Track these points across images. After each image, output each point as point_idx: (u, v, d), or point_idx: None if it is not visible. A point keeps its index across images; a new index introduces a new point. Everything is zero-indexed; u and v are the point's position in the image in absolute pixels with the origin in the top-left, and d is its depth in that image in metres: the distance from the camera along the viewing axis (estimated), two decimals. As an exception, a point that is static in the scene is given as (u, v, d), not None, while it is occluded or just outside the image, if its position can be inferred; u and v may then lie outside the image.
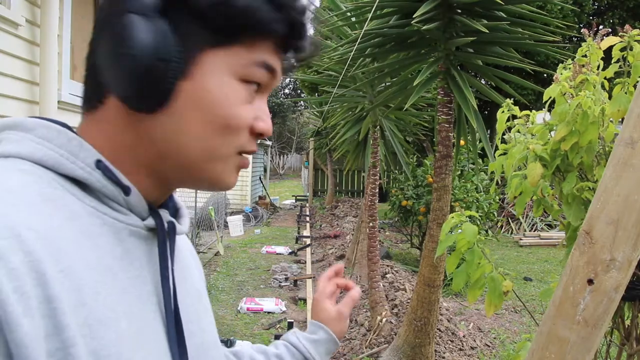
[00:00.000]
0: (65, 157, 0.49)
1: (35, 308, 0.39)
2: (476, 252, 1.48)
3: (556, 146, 1.45)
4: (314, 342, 0.86)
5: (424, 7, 2.78)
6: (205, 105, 0.51)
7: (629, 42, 1.35)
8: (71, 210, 0.47)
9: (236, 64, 0.52)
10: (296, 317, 4.92)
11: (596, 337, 0.97)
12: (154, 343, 0.51)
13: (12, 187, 0.44)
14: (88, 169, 0.49)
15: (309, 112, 15.06)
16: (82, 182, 0.49)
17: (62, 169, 0.49)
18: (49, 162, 0.48)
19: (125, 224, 0.52)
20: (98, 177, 0.50)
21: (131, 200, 0.52)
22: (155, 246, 0.55)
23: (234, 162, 0.55)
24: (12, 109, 3.03)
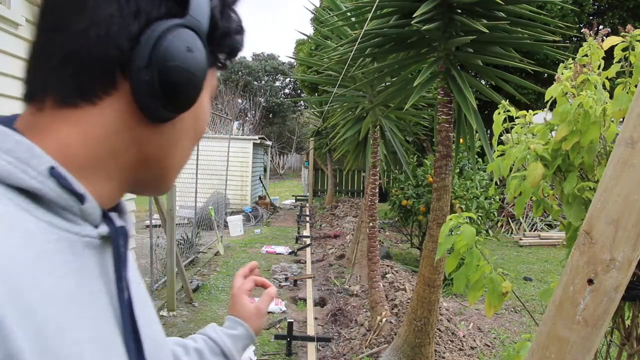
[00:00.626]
0: (14, 165, 0.43)
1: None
2: (475, 253, 1.48)
3: (557, 146, 1.45)
4: (233, 337, 0.86)
5: (424, 7, 2.78)
6: (198, 119, 0.55)
7: (631, 42, 1.35)
8: (25, 230, 0.42)
9: (213, 84, 0.57)
10: (296, 317, 4.92)
11: (596, 337, 0.97)
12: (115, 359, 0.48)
13: None
14: (40, 178, 0.44)
15: (309, 112, 15.07)
16: (33, 193, 0.44)
17: (10, 180, 0.43)
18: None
19: (80, 236, 0.47)
20: (52, 187, 0.44)
21: (86, 209, 0.47)
22: (106, 255, 0.50)
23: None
24: (12, 109, 3.04)
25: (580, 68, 1.46)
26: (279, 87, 37.22)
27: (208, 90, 0.56)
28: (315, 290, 5.90)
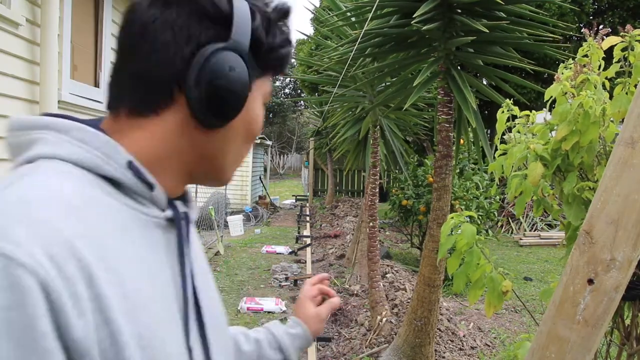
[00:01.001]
0: (101, 158, 0.55)
1: (87, 307, 0.47)
2: (475, 252, 1.48)
3: (557, 146, 1.45)
4: (292, 335, 0.94)
5: (424, 7, 2.78)
6: (249, 123, 0.64)
7: (630, 42, 1.35)
8: (110, 209, 0.54)
9: (265, 91, 0.65)
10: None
11: (596, 336, 0.97)
12: (172, 323, 0.58)
13: (64, 194, 0.50)
14: (121, 170, 0.56)
15: (309, 111, 15.06)
16: (115, 181, 0.56)
17: (99, 170, 0.55)
18: (87, 163, 0.55)
19: (150, 217, 0.59)
20: (129, 176, 0.57)
21: (155, 195, 0.59)
22: (172, 235, 0.62)
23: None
24: (12, 108, 3.04)
25: (580, 68, 1.46)
26: (279, 87, 37.21)
27: (259, 97, 0.65)
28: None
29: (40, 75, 3.21)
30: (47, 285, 0.44)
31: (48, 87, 3.21)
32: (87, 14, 4.08)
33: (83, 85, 3.94)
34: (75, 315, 0.45)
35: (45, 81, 3.20)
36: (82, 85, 3.93)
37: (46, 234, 0.46)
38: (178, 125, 0.59)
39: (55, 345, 0.44)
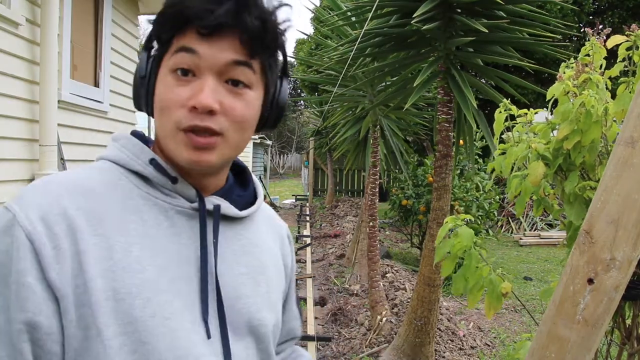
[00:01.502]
0: (130, 157, 0.71)
1: (67, 257, 0.61)
2: (474, 255, 1.47)
3: (558, 145, 1.45)
4: None
5: (424, 6, 2.77)
6: (156, 97, 0.70)
7: (635, 42, 1.35)
8: (128, 194, 0.69)
9: (168, 60, 0.68)
10: (296, 317, 4.91)
11: (596, 336, 0.97)
12: (185, 293, 0.68)
13: (84, 179, 0.68)
14: (144, 165, 0.70)
15: (309, 111, 15.06)
16: (143, 175, 0.70)
17: (129, 166, 0.71)
18: (120, 161, 0.71)
19: (172, 205, 0.70)
20: (150, 171, 0.70)
21: (178, 188, 0.71)
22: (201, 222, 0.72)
23: (181, 139, 0.67)
24: (12, 108, 3.03)
25: (582, 67, 1.46)
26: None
27: (165, 69, 0.71)
28: (315, 290, 5.90)
29: (40, 75, 3.20)
30: (32, 236, 0.60)
31: (48, 87, 3.21)
32: (87, 14, 4.08)
33: (83, 85, 3.94)
34: (55, 261, 0.60)
35: (45, 81, 3.20)
36: (82, 85, 3.93)
37: (47, 202, 0.63)
38: None
39: (33, 281, 0.59)
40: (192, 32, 0.66)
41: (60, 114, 3.38)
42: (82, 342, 0.61)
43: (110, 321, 0.61)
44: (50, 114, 3.23)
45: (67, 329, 0.61)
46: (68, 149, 3.59)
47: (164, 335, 0.64)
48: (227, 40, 0.67)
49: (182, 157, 0.68)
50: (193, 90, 0.66)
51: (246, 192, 0.82)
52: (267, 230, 0.85)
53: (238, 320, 0.73)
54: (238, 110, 0.69)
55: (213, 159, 0.68)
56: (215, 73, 0.67)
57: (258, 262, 0.79)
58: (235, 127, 0.69)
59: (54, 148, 3.24)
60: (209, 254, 0.71)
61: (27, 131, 3.17)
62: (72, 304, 0.61)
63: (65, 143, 3.56)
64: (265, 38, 0.69)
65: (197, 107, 0.65)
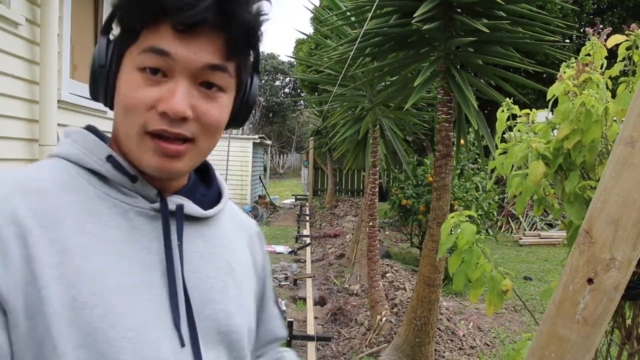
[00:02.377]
0: (85, 153, 0.64)
1: (16, 263, 0.55)
2: (475, 251, 1.48)
3: (559, 145, 1.45)
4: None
5: (424, 6, 2.77)
6: (118, 93, 0.64)
7: (635, 41, 1.35)
8: (84, 194, 0.62)
9: (134, 57, 0.62)
10: (296, 317, 4.92)
11: (596, 336, 0.97)
12: (151, 300, 0.62)
13: (35, 179, 0.61)
14: (100, 162, 0.64)
15: (308, 111, 15.06)
16: (99, 173, 0.64)
17: (83, 163, 0.64)
18: (73, 158, 0.65)
19: (132, 206, 0.65)
20: (108, 168, 0.64)
21: (138, 187, 0.65)
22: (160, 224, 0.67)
23: (147, 144, 0.62)
24: (12, 108, 3.03)
25: (583, 67, 1.46)
26: (278, 86, 37.19)
27: (130, 64, 0.65)
28: (315, 290, 5.90)
29: (40, 75, 3.20)
30: None
31: (48, 87, 3.21)
32: (87, 14, 4.08)
33: (83, 85, 3.94)
34: (2, 269, 0.54)
35: (45, 81, 3.20)
36: (82, 84, 3.93)
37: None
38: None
39: None
40: (166, 27, 0.59)
41: (60, 113, 3.38)
42: (36, 356, 0.55)
43: (67, 332, 0.55)
44: (50, 113, 3.22)
45: (16, 344, 0.55)
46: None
47: (126, 348, 0.58)
48: (205, 40, 0.61)
49: (148, 163, 0.63)
50: (163, 92, 0.61)
51: (210, 191, 0.77)
52: (233, 229, 0.79)
53: (208, 327, 0.67)
54: (211, 115, 0.64)
55: (181, 167, 0.64)
56: (189, 76, 0.61)
57: (225, 264, 0.73)
58: (207, 133, 0.64)
59: (53, 148, 3.23)
60: (174, 257, 0.65)
61: (27, 131, 3.17)
62: (22, 315, 0.55)
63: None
64: (247, 38, 0.64)
65: (168, 113, 0.60)
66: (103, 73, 0.64)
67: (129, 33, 0.62)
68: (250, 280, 0.80)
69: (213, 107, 0.64)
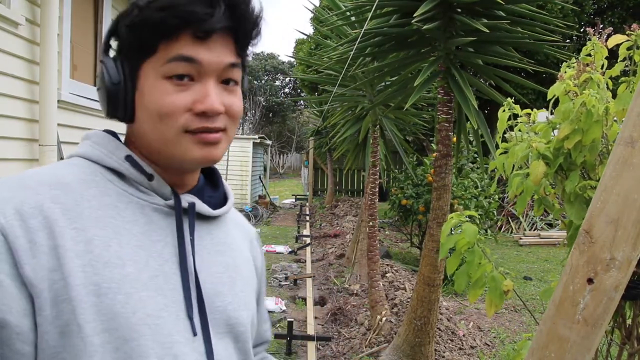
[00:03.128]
0: (105, 153, 0.70)
1: (43, 252, 0.59)
2: (477, 251, 1.48)
3: (559, 144, 1.45)
4: None
5: (424, 6, 2.77)
6: (146, 105, 0.68)
7: (636, 41, 1.35)
8: (103, 190, 0.67)
9: (157, 68, 0.67)
10: (296, 316, 4.92)
11: (596, 336, 0.97)
12: (167, 289, 0.67)
13: (59, 175, 0.66)
14: (119, 161, 0.70)
15: (308, 111, 15.06)
16: (119, 172, 0.69)
17: (103, 162, 0.70)
18: (94, 157, 0.70)
19: (149, 202, 0.70)
20: (127, 167, 0.69)
21: (154, 185, 0.71)
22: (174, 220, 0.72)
23: (189, 140, 0.68)
24: (12, 108, 3.03)
25: (583, 67, 1.46)
26: (278, 86, 37.19)
27: (152, 77, 0.71)
28: (315, 290, 5.90)
29: (40, 75, 3.20)
30: (5, 230, 0.58)
31: (48, 87, 3.21)
32: (87, 14, 4.08)
33: (83, 85, 3.94)
34: (29, 255, 0.58)
35: (45, 81, 3.20)
36: (82, 84, 3.93)
37: (22, 196, 0.61)
38: (129, 126, 0.73)
39: (4, 277, 0.57)
40: (187, 36, 0.65)
41: (60, 113, 3.38)
42: (60, 339, 0.59)
43: (92, 317, 0.59)
44: (50, 113, 3.22)
45: (41, 326, 0.58)
46: (68, 148, 3.59)
47: (146, 333, 0.62)
48: (220, 43, 0.68)
49: (194, 155, 0.68)
50: (195, 94, 0.67)
51: (217, 193, 0.82)
52: (236, 232, 0.85)
53: (217, 318, 0.72)
54: (235, 106, 0.71)
55: (219, 153, 0.71)
56: (215, 76, 0.68)
57: (231, 261, 0.79)
58: (234, 122, 0.72)
59: (53, 148, 3.24)
60: (187, 251, 0.71)
61: (27, 131, 3.17)
62: (48, 300, 0.58)
63: (65, 143, 3.56)
64: (252, 35, 0.71)
65: (207, 112, 0.67)
66: (120, 90, 0.68)
67: (145, 48, 0.67)
68: (252, 279, 0.85)
69: (235, 99, 0.72)
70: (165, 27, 0.65)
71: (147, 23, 0.65)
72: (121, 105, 0.69)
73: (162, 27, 0.65)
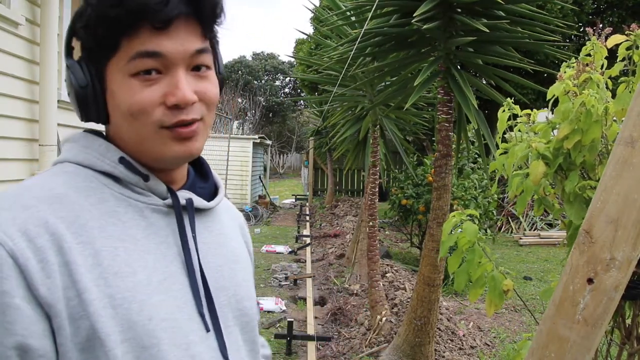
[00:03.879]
0: (96, 157, 0.67)
1: (55, 270, 0.58)
2: (477, 251, 1.48)
3: (559, 144, 1.45)
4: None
5: (424, 6, 2.77)
6: (116, 104, 0.66)
7: (635, 41, 1.35)
8: (101, 196, 0.65)
9: (121, 66, 0.64)
10: (296, 316, 4.92)
11: (596, 336, 0.97)
12: (176, 290, 0.66)
13: (53, 186, 0.63)
14: (113, 164, 0.67)
15: (308, 111, 15.06)
16: (113, 175, 0.67)
17: (96, 167, 0.67)
18: (86, 162, 0.67)
19: (147, 204, 0.68)
20: (121, 170, 0.67)
21: (150, 185, 0.69)
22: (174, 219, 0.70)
23: (166, 136, 0.66)
24: (12, 108, 3.03)
25: (583, 67, 1.46)
26: (278, 86, 37.18)
27: (119, 74, 0.68)
28: (315, 290, 5.90)
29: (40, 75, 3.20)
30: (14, 253, 0.56)
31: (48, 87, 3.21)
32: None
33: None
34: (43, 276, 0.57)
35: (44, 81, 3.20)
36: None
37: (24, 216, 0.59)
38: (107, 127, 0.71)
39: (20, 302, 0.55)
40: (145, 29, 0.62)
41: (60, 113, 3.38)
42: (81, 355, 0.58)
43: (112, 329, 0.59)
44: (50, 113, 3.23)
45: (62, 345, 0.58)
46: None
47: (163, 338, 0.62)
48: (183, 30, 0.65)
49: (172, 152, 0.67)
50: (165, 87, 0.65)
51: (207, 184, 0.80)
52: (228, 220, 0.84)
53: (225, 312, 0.73)
54: (210, 92, 0.69)
55: (199, 145, 0.69)
56: (183, 65, 0.66)
57: (230, 252, 0.79)
58: (210, 109, 0.70)
59: (53, 148, 3.24)
60: (191, 249, 0.70)
61: (26, 131, 3.17)
62: (66, 319, 0.58)
63: (65, 143, 3.56)
64: (215, 15, 0.68)
65: (180, 104, 0.64)
66: (88, 93, 0.66)
67: (106, 47, 0.64)
68: (250, 266, 0.86)
69: (208, 85, 0.69)
70: (121, 23, 0.62)
71: (101, 21, 0.62)
72: (92, 108, 0.67)
73: (117, 24, 0.62)
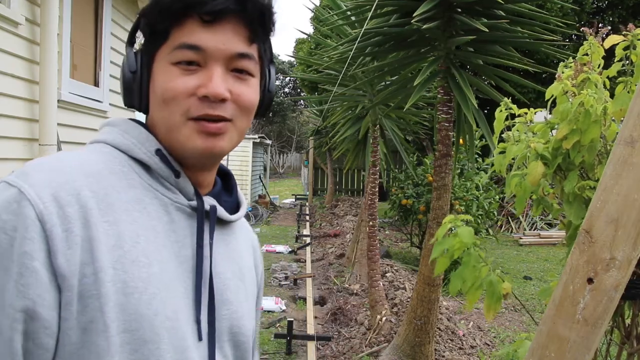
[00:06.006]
0: (134, 144, 0.67)
1: (77, 243, 0.57)
2: (473, 255, 1.45)
3: (558, 145, 1.45)
4: None
5: (424, 6, 2.77)
6: (154, 90, 0.68)
7: (633, 41, 1.35)
8: (131, 182, 0.65)
9: (166, 55, 0.66)
10: (296, 316, 4.92)
11: (596, 336, 0.97)
12: (182, 290, 0.66)
13: (91, 162, 0.64)
14: (149, 154, 0.67)
15: (308, 111, 15.05)
16: (146, 164, 0.67)
17: (132, 153, 0.67)
18: (123, 147, 0.67)
19: (173, 201, 0.68)
20: (156, 161, 0.67)
21: (180, 182, 0.69)
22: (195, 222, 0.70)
23: (191, 127, 0.66)
24: (12, 107, 3.03)
25: (581, 67, 1.46)
26: (278, 86, 37.17)
27: (163, 62, 0.70)
28: (315, 289, 5.90)
29: (40, 75, 3.20)
30: (43, 217, 0.56)
31: (48, 87, 3.21)
32: (87, 13, 4.08)
33: (83, 85, 3.94)
34: (65, 246, 0.56)
35: (44, 80, 3.20)
36: (82, 84, 3.92)
37: (60, 182, 0.58)
38: (147, 118, 0.73)
39: (39, 266, 0.55)
40: (193, 21, 0.65)
41: (60, 113, 3.38)
42: (81, 335, 0.57)
43: (116, 316, 0.58)
44: (50, 113, 3.22)
45: (66, 321, 0.56)
46: (68, 148, 3.59)
47: (165, 336, 0.61)
48: (229, 30, 0.66)
49: (195, 144, 0.66)
50: (201, 79, 0.65)
51: (231, 198, 0.80)
52: (243, 238, 0.84)
53: (223, 325, 0.71)
54: (245, 96, 0.68)
55: (224, 145, 0.68)
56: (222, 63, 0.66)
57: (238, 269, 0.78)
58: (243, 113, 0.69)
59: (53, 147, 3.24)
60: (205, 255, 0.69)
61: (27, 131, 3.17)
62: (76, 295, 0.56)
63: (65, 142, 3.56)
64: (264, 21, 0.69)
65: (209, 96, 0.64)
66: (136, 78, 0.68)
67: (159, 34, 0.67)
68: (254, 287, 0.84)
69: (246, 89, 0.69)
70: (171, 11, 0.64)
71: (156, 9, 0.65)
72: (136, 93, 0.69)
73: (169, 12, 0.64)
